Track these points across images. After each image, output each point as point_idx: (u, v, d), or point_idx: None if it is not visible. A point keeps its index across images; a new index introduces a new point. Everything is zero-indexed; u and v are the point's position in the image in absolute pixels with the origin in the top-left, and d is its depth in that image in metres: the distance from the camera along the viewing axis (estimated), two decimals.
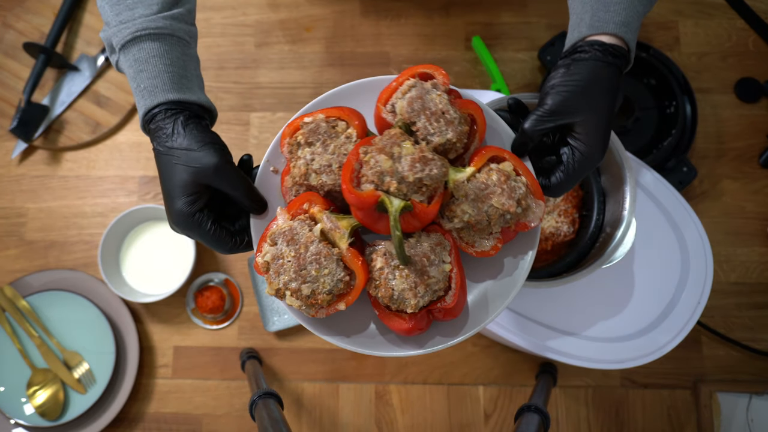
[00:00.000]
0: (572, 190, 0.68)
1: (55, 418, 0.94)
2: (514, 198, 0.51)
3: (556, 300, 0.71)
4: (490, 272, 0.55)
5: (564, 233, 0.68)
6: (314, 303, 0.50)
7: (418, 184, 0.49)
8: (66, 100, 1.07)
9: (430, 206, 0.50)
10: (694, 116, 1.01)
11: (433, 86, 0.53)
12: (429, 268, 0.50)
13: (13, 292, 0.98)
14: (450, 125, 0.52)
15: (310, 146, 0.53)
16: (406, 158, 0.48)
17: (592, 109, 0.52)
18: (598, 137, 0.52)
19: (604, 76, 0.53)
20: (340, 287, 0.50)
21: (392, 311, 0.51)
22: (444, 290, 0.51)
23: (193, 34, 0.58)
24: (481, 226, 0.52)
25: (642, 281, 0.72)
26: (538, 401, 0.78)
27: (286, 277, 0.50)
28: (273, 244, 0.51)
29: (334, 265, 0.50)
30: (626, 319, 0.71)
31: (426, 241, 0.52)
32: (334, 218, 0.51)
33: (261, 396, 0.78)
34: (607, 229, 0.65)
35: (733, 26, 1.10)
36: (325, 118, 0.54)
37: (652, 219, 0.73)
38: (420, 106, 0.52)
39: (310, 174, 0.52)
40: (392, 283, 0.50)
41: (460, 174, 0.52)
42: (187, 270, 0.97)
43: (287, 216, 0.51)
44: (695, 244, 0.73)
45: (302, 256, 0.50)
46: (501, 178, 0.51)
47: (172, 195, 0.51)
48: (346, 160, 0.50)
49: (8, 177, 1.07)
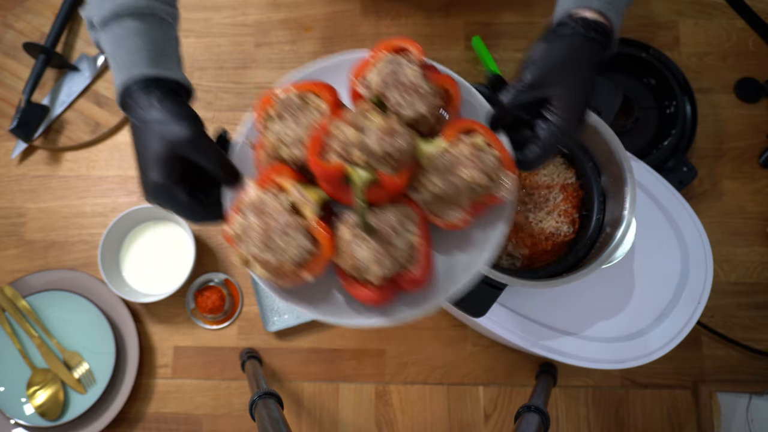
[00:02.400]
0: (572, 190, 0.68)
1: (55, 418, 0.94)
2: (484, 170, 0.51)
3: (555, 300, 0.71)
4: (460, 245, 0.55)
5: (564, 233, 0.68)
6: (281, 273, 0.51)
7: (384, 157, 0.49)
8: (66, 100, 1.07)
9: (397, 178, 0.50)
10: (694, 116, 1.01)
11: (407, 60, 0.53)
12: (394, 239, 0.51)
13: (13, 292, 0.98)
14: (422, 99, 0.52)
15: (281, 120, 0.53)
16: (374, 131, 0.49)
17: (571, 84, 0.52)
18: (574, 112, 0.52)
19: (585, 51, 0.53)
20: (307, 258, 0.50)
21: (357, 281, 0.52)
22: (410, 261, 0.51)
23: (175, 15, 0.59)
24: (449, 198, 0.52)
25: (642, 281, 0.72)
26: (538, 401, 0.78)
27: (254, 248, 0.50)
28: (242, 215, 0.51)
29: (302, 236, 0.50)
30: (626, 319, 0.71)
31: (392, 213, 0.51)
32: (303, 190, 0.51)
33: (261, 396, 0.78)
34: (607, 229, 0.65)
35: (733, 26, 1.10)
36: (298, 92, 0.54)
37: (652, 219, 0.73)
38: (392, 80, 0.52)
39: (281, 147, 0.53)
40: (357, 253, 0.50)
41: (430, 146, 0.52)
42: (187, 270, 0.97)
43: (257, 188, 0.51)
44: (695, 244, 0.73)
45: (270, 227, 0.50)
46: (471, 151, 0.51)
47: (147, 167, 0.51)
48: (314, 132, 0.51)
49: (8, 177, 1.07)
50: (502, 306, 0.71)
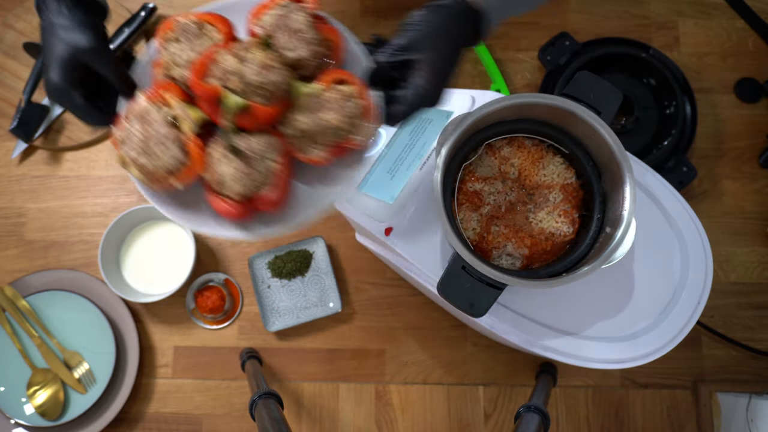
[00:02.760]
0: (572, 190, 0.68)
1: (55, 418, 0.94)
2: (346, 116, 0.57)
3: (555, 300, 0.71)
4: (322, 179, 0.62)
5: (564, 233, 0.68)
6: (155, 178, 0.57)
7: (258, 87, 0.55)
8: None
9: (268, 109, 0.56)
10: (693, 116, 1.01)
11: (299, 8, 0.59)
12: (256, 163, 0.56)
13: (13, 292, 0.98)
14: (305, 44, 0.58)
15: (178, 43, 0.59)
16: (253, 63, 0.55)
17: (435, 52, 0.58)
18: (435, 79, 0.58)
19: (456, 27, 0.59)
20: (179, 167, 0.56)
21: (219, 195, 0.57)
22: (267, 184, 0.57)
23: None
24: (313, 136, 0.58)
25: (642, 281, 0.72)
26: (538, 401, 0.78)
27: (133, 152, 0.56)
28: (128, 121, 0.57)
29: (176, 147, 0.56)
30: (626, 319, 0.71)
31: (258, 139, 0.57)
32: (186, 107, 0.57)
33: (261, 396, 0.78)
34: (607, 229, 0.65)
35: (732, 26, 1.10)
36: (197, 20, 0.60)
37: (652, 219, 0.73)
38: (282, 23, 0.59)
39: (173, 67, 0.58)
40: (220, 169, 0.56)
41: (305, 88, 0.58)
42: (187, 270, 0.97)
43: (146, 99, 0.57)
44: (695, 244, 0.73)
45: (150, 135, 0.56)
46: (339, 98, 0.57)
47: (49, 67, 0.55)
48: (201, 57, 0.57)
49: (8, 177, 1.08)
50: (502, 306, 0.71)
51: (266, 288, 1.01)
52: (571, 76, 1.01)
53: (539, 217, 0.69)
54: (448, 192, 0.67)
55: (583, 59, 1.02)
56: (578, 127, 0.66)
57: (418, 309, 1.01)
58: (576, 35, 1.07)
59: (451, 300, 0.61)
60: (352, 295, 1.02)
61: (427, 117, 0.82)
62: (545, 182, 0.70)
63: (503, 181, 0.70)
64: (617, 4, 1.11)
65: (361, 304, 1.02)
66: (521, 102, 0.65)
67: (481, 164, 0.70)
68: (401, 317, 1.01)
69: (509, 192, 0.70)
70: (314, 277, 1.02)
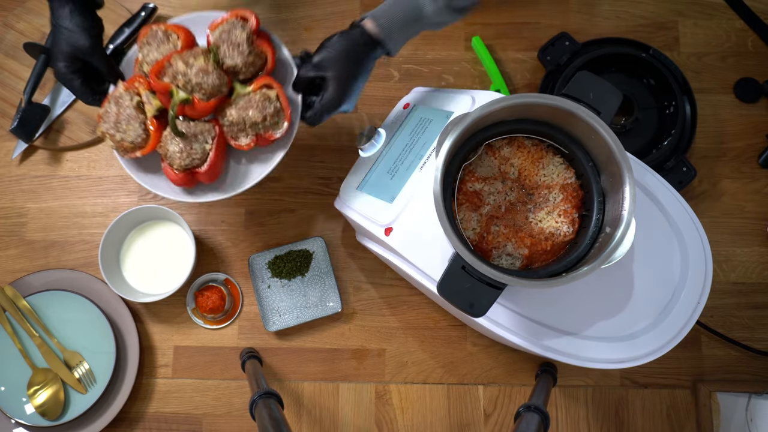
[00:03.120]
0: (572, 189, 0.68)
1: (55, 418, 0.94)
2: (264, 114, 0.76)
3: (555, 300, 0.71)
4: (250, 160, 0.83)
5: (564, 233, 0.68)
6: (123, 148, 0.78)
7: (199, 86, 0.73)
8: (67, 100, 1.07)
9: (206, 103, 0.74)
10: (693, 116, 1.01)
11: (241, 26, 0.77)
12: (194, 144, 0.76)
13: (13, 291, 0.99)
14: (241, 55, 0.76)
15: (149, 45, 0.78)
16: (196, 67, 0.73)
17: (339, 71, 0.75)
18: (339, 92, 0.75)
19: (357, 51, 0.75)
20: (140, 142, 0.77)
21: (169, 166, 0.77)
22: (202, 161, 0.77)
23: None
24: (241, 126, 0.77)
25: (641, 281, 0.72)
26: (538, 401, 0.78)
27: (108, 127, 0.77)
28: (108, 103, 0.77)
29: (138, 125, 0.77)
30: (626, 318, 0.72)
31: (198, 126, 0.77)
32: (151, 96, 0.77)
33: (261, 396, 0.78)
34: (607, 229, 0.65)
35: (732, 27, 1.10)
36: (164, 29, 0.78)
37: (652, 219, 0.74)
38: (226, 37, 0.76)
39: (144, 64, 0.78)
40: (168, 146, 0.76)
41: (241, 89, 0.78)
42: (187, 270, 0.97)
43: (123, 87, 0.77)
44: (695, 244, 0.73)
45: (121, 114, 0.76)
46: (262, 99, 0.76)
47: (56, 58, 0.75)
48: (160, 59, 0.75)
49: (8, 177, 1.08)
50: (502, 306, 0.71)
51: (266, 288, 1.01)
52: (571, 76, 1.01)
53: (539, 217, 0.69)
54: (448, 192, 0.67)
55: (583, 59, 1.02)
56: (578, 127, 0.66)
57: (418, 309, 1.01)
58: (576, 35, 1.07)
59: (451, 300, 0.61)
60: (352, 295, 1.02)
61: (427, 117, 0.82)
62: (545, 182, 0.70)
63: (503, 181, 0.70)
64: (617, 4, 1.12)
65: (361, 304, 1.02)
66: (521, 102, 0.65)
67: (481, 164, 0.70)
68: (401, 317, 1.01)
69: (509, 192, 0.70)
70: (314, 277, 1.02)
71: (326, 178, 1.06)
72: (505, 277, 0.60)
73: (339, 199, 0.88)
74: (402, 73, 1.10)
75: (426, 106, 0.84)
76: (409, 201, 0.75)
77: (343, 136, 1.07)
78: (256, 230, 1.05)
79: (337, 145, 1.07)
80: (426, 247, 0.73)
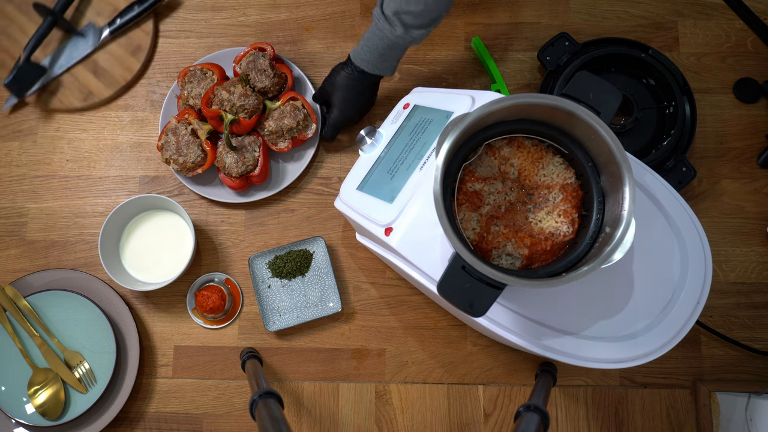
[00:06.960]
0: (572, 189, 0.68)
1: (56, 418, 0.95)
2: (296, 119, 0.98)
3: (555, 300, 0.71)
4: (286, 160, 1.05)
5: (563, 233, 0.68)
6: (185, 168, 0.98)
7: (242, 107, 0.95)
8: (65, 64, 1.10)
9: (249, 120, 0.97)
10: (693, 116, 1.01)
11: (262, 55, 1.00)
12: (245, 154, 0.97)
13: (14, 291, 0.99)
14: (268, 78, 0.99)
15: (191, 83, 1.00)
16: (236, 93, 0.95)
17: (338, 96, 0.98)
18: (341, 113, 0.99)
19: (352, 82, 0.95)
20: (199, 161, 0.98)
21: (226, 176, 0.99)
22: (254, 167, 0.98)
23: None
24: (279, 133, 0.99)
25: (641, 281, 0.72)
26: (538, 401, 0.78)
27: (170, 153, 0.98)
28: (166, 134, 0.98)
29: (197, 148, 0.97)
30: (625, 318, 0.72)
31: (246, 139, 0.99)
32: (201, 123, 0.99)
33: (261, 395, 0.78)
34: (607, 229, 0.65)
35: (732, 27, 1.10)
36: (201, 68, 1.01)
37: (652, 219, 0.74)
38: (252, 66, 0.99)
39: (189, 99, 1.00)
40: (225, 159, 0.97)
41: (272, 104, 1.00)
42: (186, 258, 0.97)
43: (176, 120, 0.99)
44: (694, 244, 0.73)
45: (180, 141, 0.97)
46: (291, 108, 0.98)
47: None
48: (206, 92, 0.98)
49: (9, 177, 1.08)
50: (502, 306, 0.71)
51: (266, 288, 1.02)
52: (571, 76, 1.01)
53: (539, 216, 0.69)
54: (447, 192, 0.67)
55: (583, 59, 1.02)
56: (578, 127, 0.66)
57: (418, 309, 1.02)
58: (576, 35, 1.07)
59: (451, 300, 0.61)
60: (352, 295, 1.03)
61: (427, 117, 0.82)
62: (545, 182, 0.70)
63: (503, 181, 0.70)
64: (617, 4, 1.12)
65: (361, 304, 1.02)
66: (521, 102, 0.65)
67: (481, 164, 0.71)
68: (401, 317, 1.01)
69: (509, 192, 0.70)
70: (314, 277, 1.02)
71: (326, 178, 1.06)
72: (505, 277, 0.60)
73: (339, 199, 0.89)
74: (402, 73, 1.10)
75: (426, 106, 0.84)
76: (409, 201, 0.75)
77: (343, 136, 1.07)
78: (256, 230, 1.05)
79: (337, 145, 1.07)
80: (426, 247, 0.73)
